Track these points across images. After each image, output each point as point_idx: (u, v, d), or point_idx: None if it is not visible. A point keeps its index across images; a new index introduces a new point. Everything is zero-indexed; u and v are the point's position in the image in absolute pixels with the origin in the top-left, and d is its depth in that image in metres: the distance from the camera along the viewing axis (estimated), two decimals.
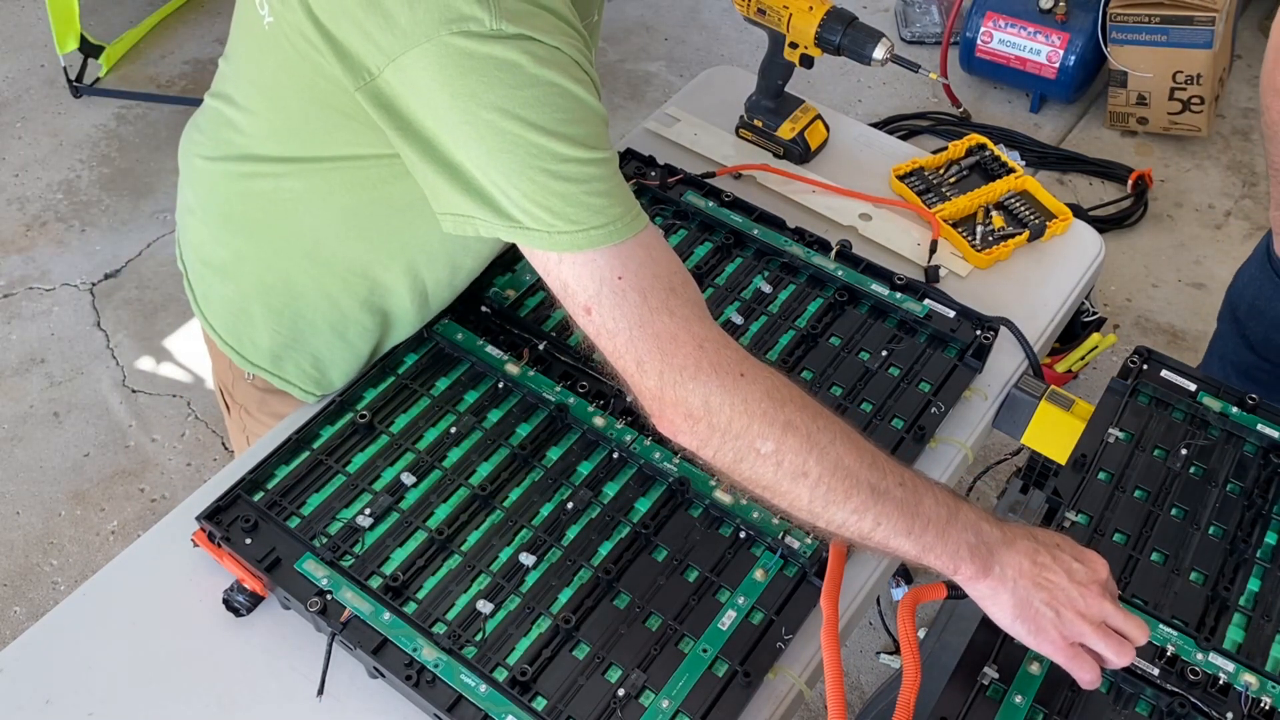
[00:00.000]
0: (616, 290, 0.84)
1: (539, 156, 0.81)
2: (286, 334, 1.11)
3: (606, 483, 1.04)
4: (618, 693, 0.89)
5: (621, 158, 1.35)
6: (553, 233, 0.83)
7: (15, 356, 2.51)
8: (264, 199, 1.03)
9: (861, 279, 1.22)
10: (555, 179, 0.82)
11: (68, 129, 3.05)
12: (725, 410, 0.84)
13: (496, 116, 0.80)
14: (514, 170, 0.82)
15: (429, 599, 0.95)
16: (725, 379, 0.84)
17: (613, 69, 3.30)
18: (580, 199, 0.82)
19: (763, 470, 0.85)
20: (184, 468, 2.32)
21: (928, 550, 0.86)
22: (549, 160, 0.81)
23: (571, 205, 0.82)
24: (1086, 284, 1.30)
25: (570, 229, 0.83)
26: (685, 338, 0.84)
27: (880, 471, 0.86)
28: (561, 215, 0.82)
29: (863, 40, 1.26)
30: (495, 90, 0.80)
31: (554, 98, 0.81)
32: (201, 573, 1.00)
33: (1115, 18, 2.83)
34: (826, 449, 0.84)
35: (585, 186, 0.83)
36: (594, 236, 0.83)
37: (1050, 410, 1.14)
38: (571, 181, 0.82)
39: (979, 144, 1.42)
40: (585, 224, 0.83)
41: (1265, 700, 0.90)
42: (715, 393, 0.84)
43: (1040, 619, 0.86)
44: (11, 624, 2.07)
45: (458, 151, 0.83)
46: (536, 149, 0.81)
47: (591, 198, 0.83)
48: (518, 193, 0.82)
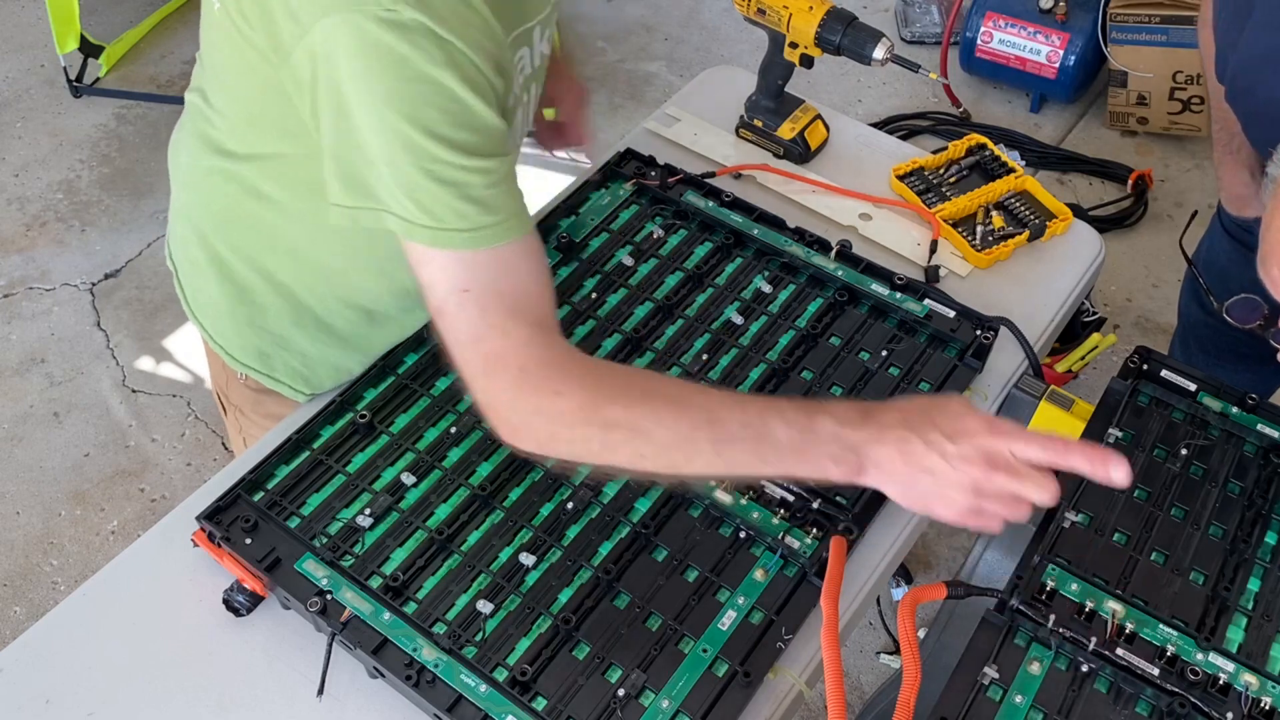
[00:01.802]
0: (460, 302, 0.85)
1: (414, 152, 0.82)
2: (273, 333, 1.10)
3: (606, 483, 1.04)
4: (618, 693, 0.89)
5: (621, 158, 1.35)
6: (415, 224, 0.84)
7: (15, 356, 2.51)
8: (239, 196, 1.03)
9: (861, 279, 1.22)
10: (428, 178, 0.82)
11: (68, 129, 3.05)
12: (544, 425, 0.87)
13: (381, 104, 0.81)
14: (391, 158, 0.82)
15: (429, 599, 0.95)
16: (542, 398, 0.86)
17: (613, 69, 3.30)
18: (448, 202, 0.83)
19: (601, 461, 0.87)
20: (184, 468, 2.32)
21: (792, 471, 0.87)
22: (424, 159, 0.82)
23: (438, 205, 0.83)
24: (1086, 284, 1.30)
25: (433, 225, 0.83)
26: (511, 360, 0.86)
27: (717, 424, 0.86)
28: (428, 211, 0.83)
29: (863, 40, 1.26)
30: (385, 79, 0.80)
31: (438, 98, 0.81)
32: (201, 573, 1.00)
33: (1115, 18, 2.83)
34: (653, 432, 0.85)
35: (455, 190, 0.83)
36: (453, 238, 0.84)
37: (1050, 410, 1.14)
38: (442, 184, 0.83)
39: (979, 144, 1.42)
40: (447, 224, 0.84)
41: (1265, 700, 0.90)
42: (532, 412, 0.86)
43: (930, 502, 0.86)
44: (11, 624, 2.07)
45: (351, 126, 0.83)
46: (413, 145, 0.81)
47: (459, 202, 0.83)
48: (393, 180, 0.83)
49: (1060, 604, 0.95)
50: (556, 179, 2.88)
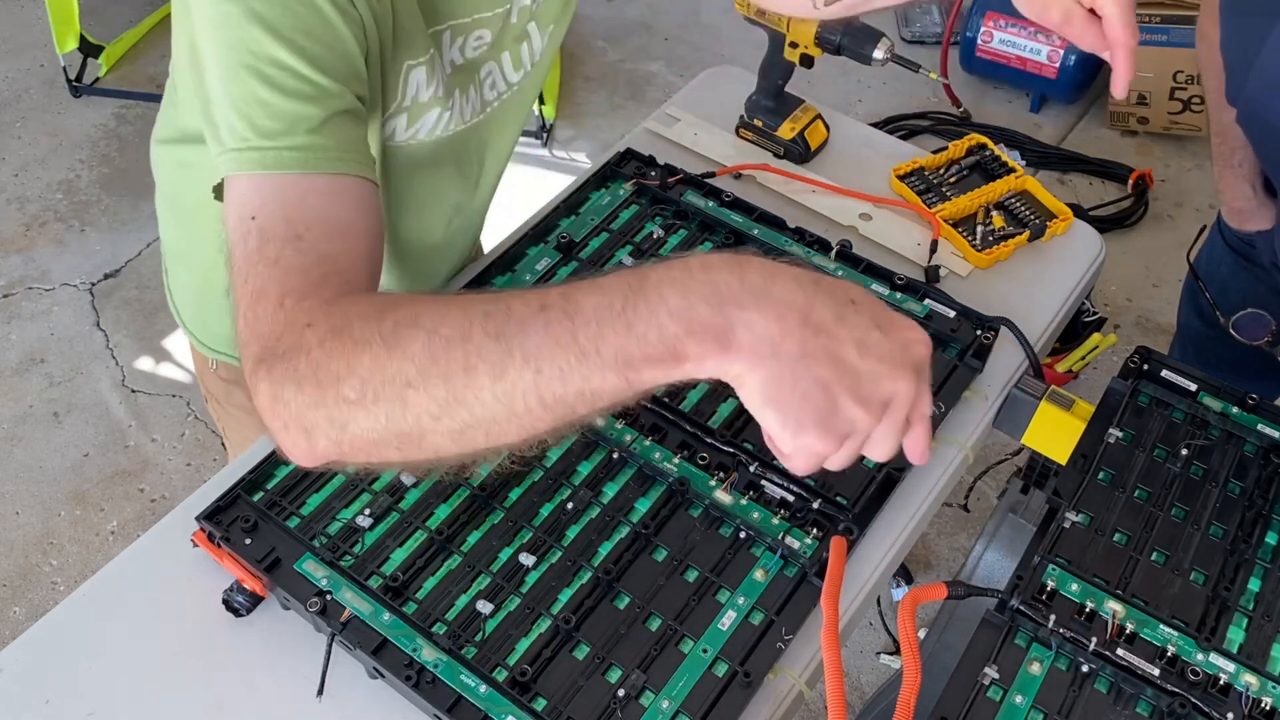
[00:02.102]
0: (244, 231, 0.71)
1: (255, 55, 0.72)
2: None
3: (606, 483, 1.04)
4: (618, 693, 0.89)
5: (621, 158, 1.35)
6: (243, 149, 0.72)
7: (15, 356, 2.51)
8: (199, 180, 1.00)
9: (862, 279, 1.21)
10: (265, 84, 0.72)
11: (67, 129, 3.05)
12: (290, 376, 0.65)
13: (232, 8, 0.72)
14: (229, 68, 0.73)
15: (429, 599, 0.95)
16: (288, 339, 0.66)
17: (613, 69, 3.30)
18: (284, 112, 0.72)
19: (370, 420, 0.64)
20: (184, 468, 2.32)
21: (627, 362, 0.59)
22: (265, 63, 0.72)
23: (273, 119, 0.72)
24: (1087, 284, 1.30)
25: (264, 144, 0.72)
26: (272, 291, 0.68)
27: (502, 313, 0.62)
28: (259, 129, 0.72)
29: (863, 40, 1.26)
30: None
31: (294, 3, 0.73)
32: (201, 573, 0.99)
33: None
34: (409, 336, 0.63)
35: (294, 102, 0.73)
36: (283, 158, 0.72)
37: (1050, 410, 1.14)
38: (283, 93, 0.73)
39: (979, 144, 1.42)
40: (280, 143, 0.72)
41: (1266, 700, 0.90)
42: (278, 361, 0.66)
43: (808, 406, 0.59)
44: (11, 624, 2.07)
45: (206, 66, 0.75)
46: (255, 43, 0.72)
47: (297, 117, 0.73)
48: (228, 100, 0.73)
49: (1060, 604, 0.95)
50: (556, 179, 2.89)
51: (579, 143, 3.09)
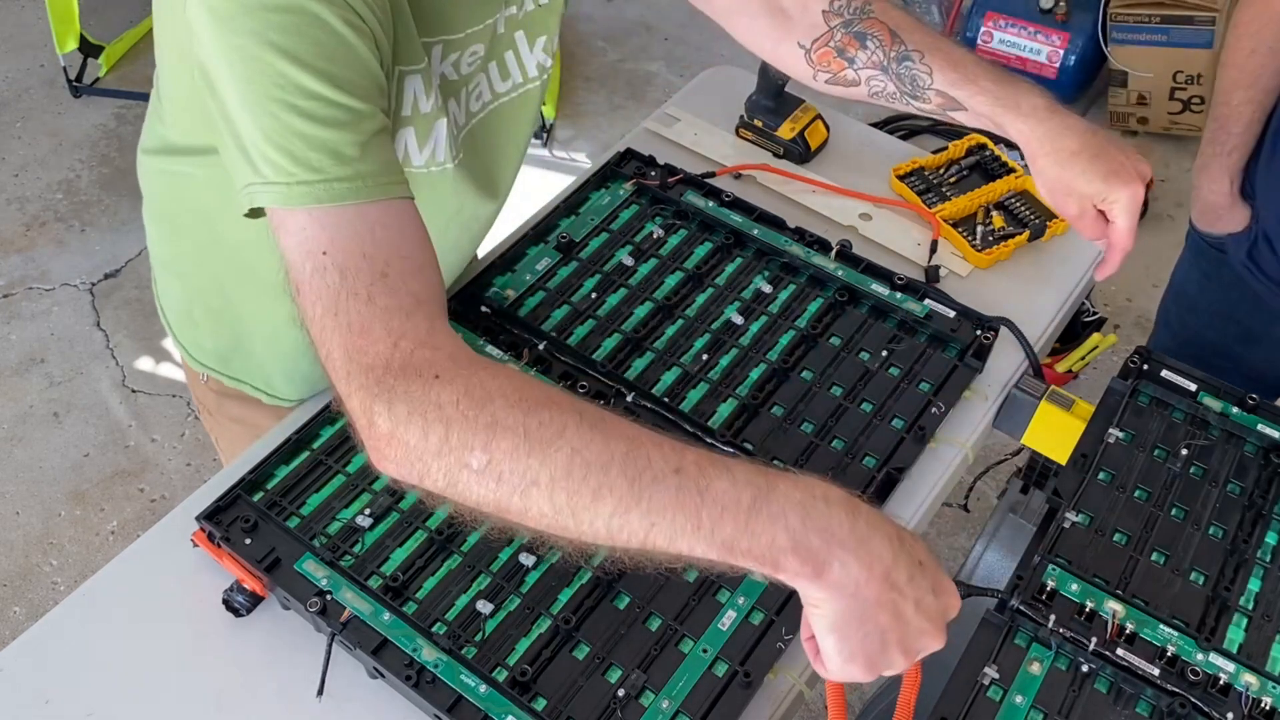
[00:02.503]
0: (318, 266, 0.72)
1: (285, 89, 0.72)
2: (228, 337, 1.09)
3: None
4: (618, 693, 0.89)
5: (621, 158, 1.35)
6: (291, 183, 0.72)
7: (15, 356, 2.51)
8: (186, 196, 1.00)
9: (861, 279, 1.22)
10: (301, 116, 0.72)
11: (67, 129, 3.05)
12: (416, 421, 0.69)
13: (247, 40, 0.72)
14: (258, 105, 0.73)
15: (429, 599, 0.95)
16: (414, 382, 0.70)
17: (613, 69, 3.30)
18: (326, 144, 0.73)
19: (482, 490, 0.69)
20: (184, 468, 2.32)
21: (732, 548, 0.67)
22: (296, 94, 0.72)
23: (315, 150, 0.73)
24: (1087, 284, 1.30)
25: (311, 178, 0.72)
26: (379, 331, 0.71)
27: (642, 460, 0.68)
28: (302, 162, 0.73)
29: None
30: (251, 14, 0.72)
31: (310, 28, 0.72)
32: (201, 573, 0.99)
33: (1115, 17, 2.83)
34: (553, 444, 0.68)
35: (334, 131, 0.73)
36: (335, 190, 0.73)
37: (1050, 410, 1.14)
38: (319, 123, 0.73)
39: (979, 144, 1.42)
40: (328, 174, 0.73)
41: (1266, 700, 0.90)
42: (401, 398, 0.70)
43: (865, 644, 0.69)
44: (11, 624, 2.07)
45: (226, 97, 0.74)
46: (283, 79, 0.72)
47: (341, 145, 0.73)
48: (261, 134, 0.73)
49: (1060, 604, 0.95)
50: (556, 179, 2.89)
51: (579, 143, 3.09)
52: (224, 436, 1.26)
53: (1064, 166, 1.01)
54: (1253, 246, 1.41)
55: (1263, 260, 1.40)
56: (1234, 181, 1.41)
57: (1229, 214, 1.42)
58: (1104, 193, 1.00)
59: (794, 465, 1.05)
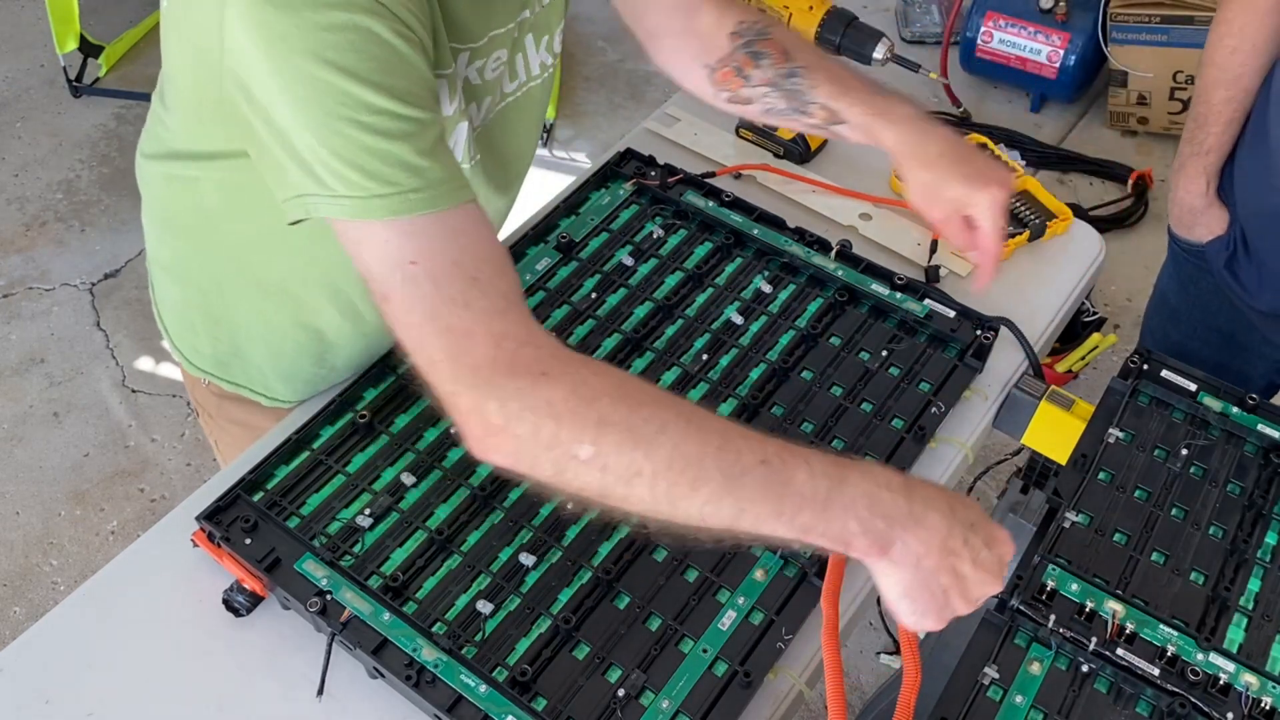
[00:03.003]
0: (409, 276, 0.75)
1: (350, 106, 0.74)
2: (227, 342, 1.09)
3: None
4: (618, 693, 0.89)
5: (621, 158, 1.35)
6: (368, 197, 0.75)
7: (15, 356, 2.51)
8: (190, 201, 1.01)
9: (861, 279, 1.22)
10: (369, 133, 0.74)
11: (67, 129, 3.05)
12: (527, 416, 0.74)
13: (304, 61, 0.73)
14: (323, 125, 0.74)
15: (429, 599, 0.95)
16: (522, 380, 0.74)
17: (613, 69, 3.30)
18: (397, 157, 0.75)
19: (588, 478, 0.75)
20: (184, 468, 2.32)
21: (808, 531, 0.76)
22: (362, 111, 0.74)
23: (388, 164, 0.75)
24: (1087, 284, 1.30)
25: (365, 194, 0.75)
26: (480, 334, 0.75)
27: (733, 452, 0.75)
28: (376, 176, 0.75)
29: (863, 40, 1.26)
30: (306, 34, 0.73)
31: (366, 43, 0.74)
32: (201, 573, 0.99)
33: (1116, 17, 2.83)
34: (656, 440, 0.74)
35: (403, 144, 0.75)
36: (392, 204, 0.75)
37: (1050, 410, 1.14)
38: (387, 137, 0.75)
39: (979, 144, 1.42)
40: (384, 189, 0.75)
41: (1265, 700, 0.90)
42: (512, 396, 0.74)
43: (932, 602, 0.79)
44: (11, 624, 2.07)
45: (276, 112, 0.76)
46: (347, 97, 0.73)
47: (411, 156, 0.75)
48: (327, 151, 0.75)
49: (1060, 604, 0.95)
50: (556, 179, 2.89)
51: (579, 143, 3.09)
52: (224, 439, 1.26)
53: (929, 170, 1.04)
54: (1231, 257, 1.39)
55: (1241, 271, 1.39)
56: (1210, 183, 1.39)
57: (1205, 216, 1.40)
58: (966, 197, 1.03)
59: None
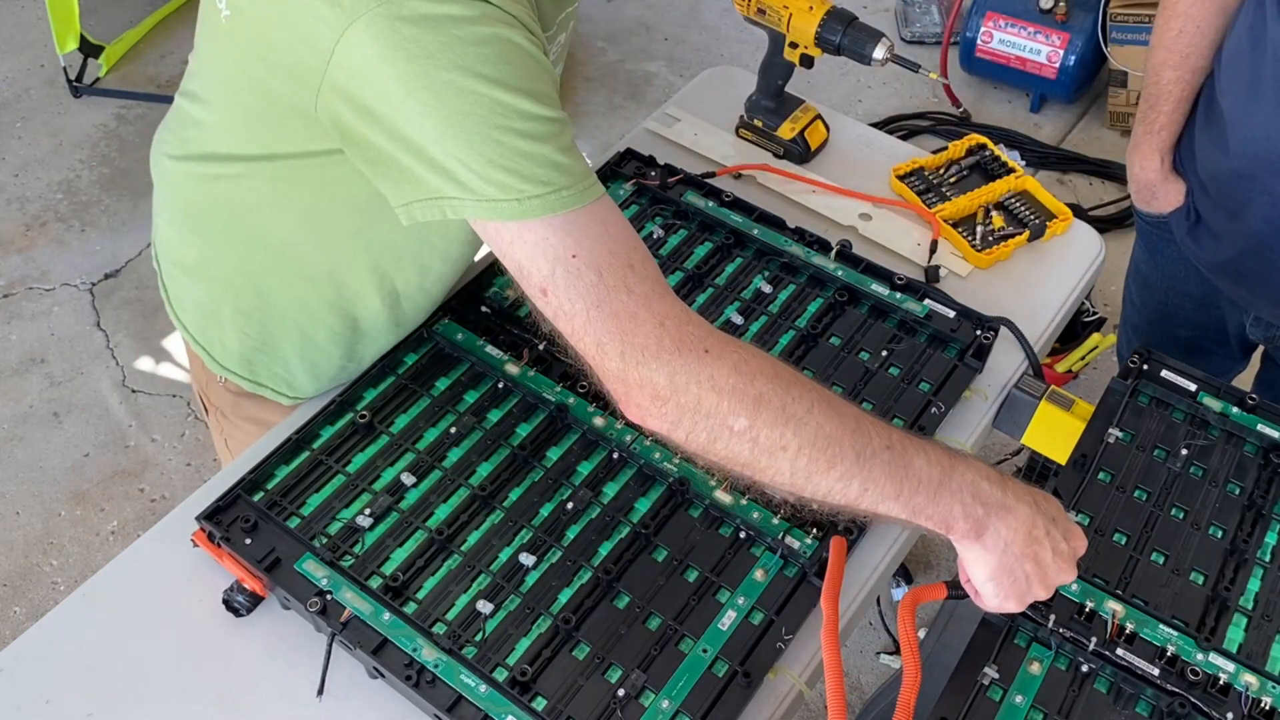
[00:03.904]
0: (571, 269, 0.80)
1: (504, 114, 0.78)
2: (255, 337, 1.10)
3: (606, 483, 1.04)
4: (618, 693, 0.89)
5: (621, 158, 1.35)
6: (524, 199, 0.79)
7: (15, 356, 2.51)
8: (228, 199, 1.02)
9: (861, 279, 1.22)
10: (522, 138, 0.79)
11: (68, 129, 3.05)
12: (692, 389, 0.80)
13: (457, 76, 0.77)
14: (477, 134, 0.78)
15: (429, 599, 0.95)
16: (689, 356, 0.80)
17: (613, 69, 3.30)
18: (549, 158, 0.79)
19: (739, 448, 0.82)
20: (184, 468, 2.32)
21: (919, 513, 0.84)
22: (514, 118, 0.78)
23: (541, 166, 0.79)
24: (1087, 284, 1.30)
25: (520, 195, 0.79)
26: (645, 316, 0.80)
27: (865, 436, 0.83)
28: (531, 178, 0.79)
29: (863, 40, 1.26)
30: (452, 49, 0.76)
31: (510, 53, 0.78)
32: (201, 573, 1.00)
33: (1115, 17, 2.83)
34: (804, 419, 0.81)
35: (551, 145, 0.80)
36: (548, 202, 0.79)
37: (1050, 410, 1.14)
38: (538, 140, 0.79)
39: (979, 144, 1.42)
40: (538, 190, 0.79)
41: (1265, 700, 0.90)
42: (680, 371, 0.80)
43: (1015, 586, 0.86)
44: (11, 624, 2.07)
45: (413, 127, 0.79)
46: (501, 107, 0.77)
47: (550, 159, 0.79)
48: (481, 160, 0.78)
49: (1060, 604, 0.95)
50: None
51: (579, 143, 3.06)
52: (237, 437, 1.26)
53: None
54: (1193, 226, 1.43)
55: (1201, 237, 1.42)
56: (1164, 159, 1.43)
57: (1163, 189, 1.44)
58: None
59: None
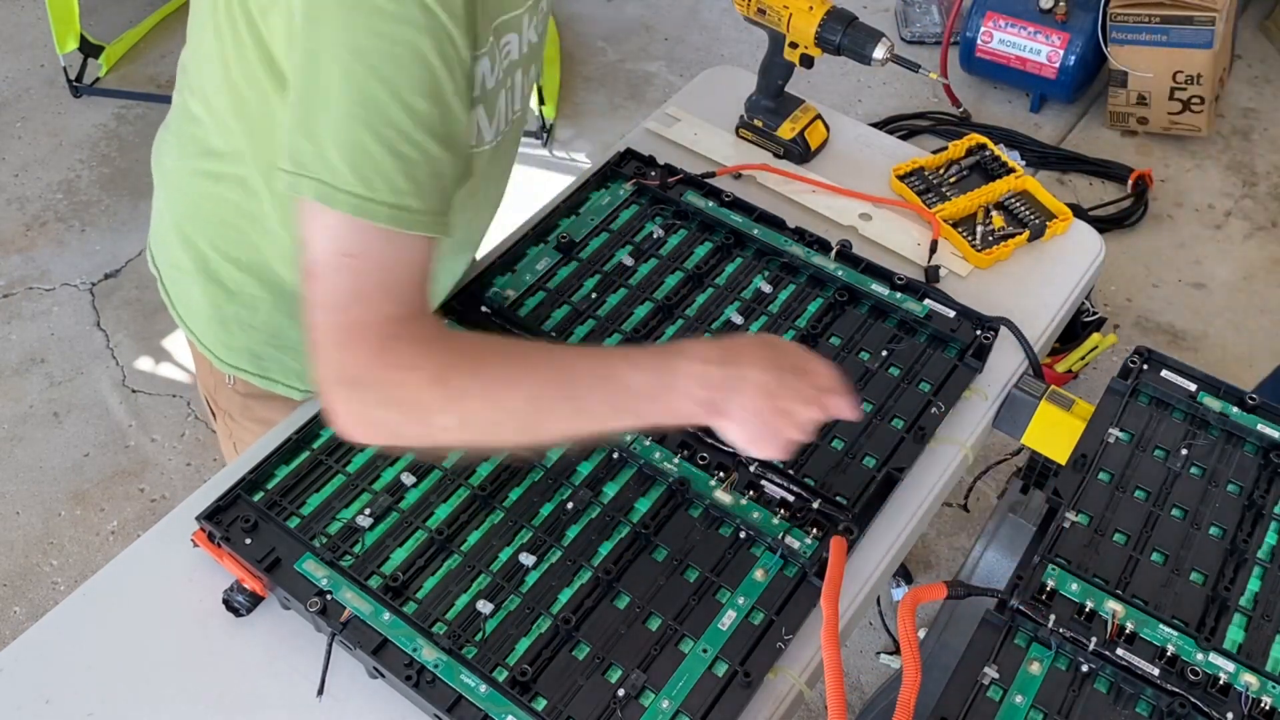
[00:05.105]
0: (339, 266, 0.81)
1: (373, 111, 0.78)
2: (264, 331, 1.10)
3: (606, 483, 1.04)
4: (618, 693, 0.89)
5: (621, 158, 1.35)
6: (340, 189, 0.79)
7: (15, 356, 2.51)
8: (226, 195, 1.02)
9: (861, 279, 1.22)
10: (377, 141, 0.79)
11: (68, 129, 3.05)
12: (393, 409, 0.83)
13: (357, 64, 0.77)
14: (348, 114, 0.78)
15: (429, 599, 0.95)
16: (395, 375, 0.82)
17: (613, 69, 3.30)
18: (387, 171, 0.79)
19: (455, 438, 0.87)
20: (184, 468, 2.32)
21: (652, 419, 0.88)
22: (382, 121, 0.78)
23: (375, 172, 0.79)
24: (1086, 284, 1.30)
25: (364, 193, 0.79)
26: (373, 331, 0.81)
27: (569, 380, 0.86)
28: (364, 178, 0.79)
29: (863, 40, 1.26)
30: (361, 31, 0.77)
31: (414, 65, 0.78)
32: (201, 573, 1.00)
33: (1115, 17, 2.83)
34: (504, 396, 0.84)
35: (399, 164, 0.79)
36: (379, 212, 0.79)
37: (1050, 410, 1.14)
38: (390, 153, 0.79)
39: (979, 144, 1.42)
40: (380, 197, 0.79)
41: (1265, 700, 0.90)
42: (378, 389, 0.82)
43: (773, 440, 0.90)
44: (11, 624, 2.07)
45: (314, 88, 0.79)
46: (375, 103, 0.78)
47: (398, 176, 0.79)
48: (333, 139, 0.79)
49: (1060, 604, 0.95)
50: (556, 179, 2.89)
51: (579, 143, 3.09)
52: (245, 440, 1.26)
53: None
54: None
55: None
56: None
57: None
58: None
59: (793, 465, 1.05)
